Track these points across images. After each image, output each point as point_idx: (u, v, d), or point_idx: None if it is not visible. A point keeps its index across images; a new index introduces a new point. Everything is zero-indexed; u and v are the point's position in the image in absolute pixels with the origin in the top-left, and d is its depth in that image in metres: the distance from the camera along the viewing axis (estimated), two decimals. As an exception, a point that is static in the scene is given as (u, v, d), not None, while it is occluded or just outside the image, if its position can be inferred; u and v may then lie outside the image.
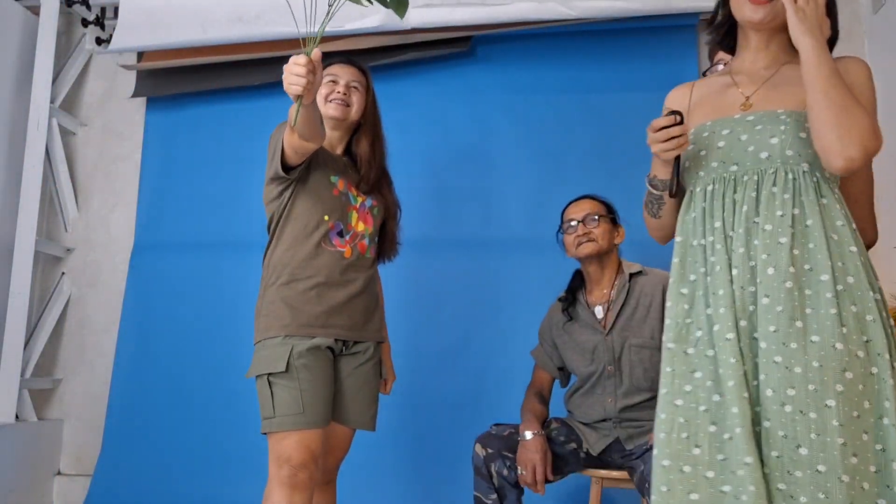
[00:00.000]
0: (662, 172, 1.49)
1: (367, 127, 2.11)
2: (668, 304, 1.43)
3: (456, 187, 3.11)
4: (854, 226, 1.38)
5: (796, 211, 1.34)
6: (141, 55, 3.41)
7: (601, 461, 2.24)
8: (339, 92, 2.05)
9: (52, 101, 3.37)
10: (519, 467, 2.10)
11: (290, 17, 3.15)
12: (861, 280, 1.30)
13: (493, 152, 3.12)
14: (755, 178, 1.38)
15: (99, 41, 3.50)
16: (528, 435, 2.14)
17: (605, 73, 3.10)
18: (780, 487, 1.22)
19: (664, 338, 1.41)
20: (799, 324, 1.27)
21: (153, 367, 3.15)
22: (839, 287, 1.28)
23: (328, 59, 2.02)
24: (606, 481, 2.24)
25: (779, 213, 1.34)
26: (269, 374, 1.89)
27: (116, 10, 3.32)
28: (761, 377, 1.27)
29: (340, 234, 2.01)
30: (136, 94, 3.41)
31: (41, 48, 3.35)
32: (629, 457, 2.14)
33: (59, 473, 3.19)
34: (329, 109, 2.04)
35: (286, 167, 1.91)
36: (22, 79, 3.36)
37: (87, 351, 3.33)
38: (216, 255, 3.21)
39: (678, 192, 1.49)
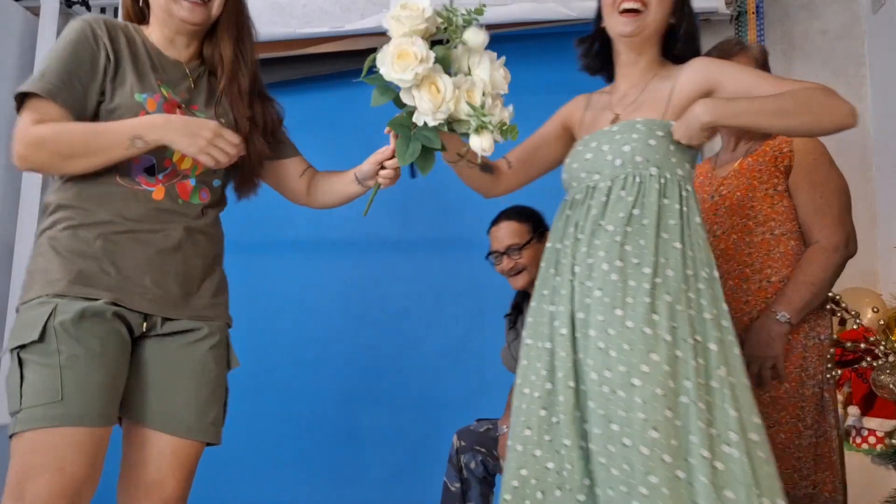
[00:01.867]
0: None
1: (226, 24, 1.58)
2: (532, 303, 1.53)
3: (456, 187, 3.10)
4: (690, 223, 1.45)
5: (636, 211, 1.44)
6: (141, 55, 3.42)
7: None
8: None
9: (52, 102, 3.36)
10: (501, 459, 2.15)
11: (289, 18, 3.16)
12: (678, 274, 1.40)
13: (492, 152, 3.12)
14: (609, 183, 1.48)
15: (99, 41, 3.49)
16: (505, 428, 2.16)
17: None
18: (602, 461, 1.33)
19: (524, 333, 1.52)
20: (619, 312, 1.37)
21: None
22: (657, 279, 1.39)
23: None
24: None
25: (620, 214, 1.44)
26: (20, 348, 1.32)
27: (116, 10, 3.32)
28: (589, 363, 1.38)
29: (150, 172, 1.48)
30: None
31: (41, 48, 3.35)
32: None
33: None
34: (181, 10, 1.51)
35: None
36: (22, 79, 3.35)
37: (87, 351, 3.32)
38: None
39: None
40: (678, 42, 1.59)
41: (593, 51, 1.69)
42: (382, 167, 1.58)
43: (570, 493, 1.37)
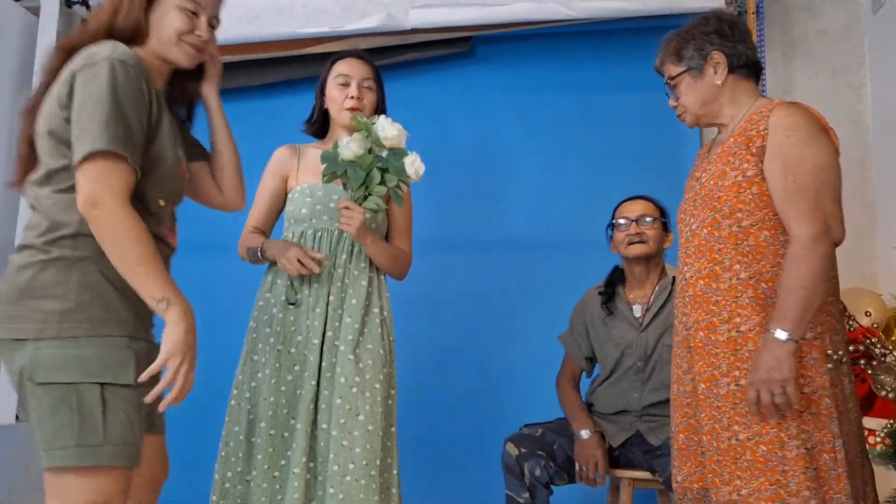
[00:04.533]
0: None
1: (211, 66, 1.75)
2: (279, 314, 1.99)
3: (456, 187, 3.11)
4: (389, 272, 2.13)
5: (368, 263, 2.05)
6: (141, 55, 3.41)
7: (622, 456, 2.28)
8: (198, 34, 1.57)
9: (52, 102, 3.37)
10: (578, 464, 2.20)
11: (289, 18, 3.16)
12: (390, 314, 2.06)
13: (493, 152, 3.12)
14: (351, 237, 2.01)
15: (99, 41, 3.49)
16: (585, 434, 2.23)
17: (605, 73, 3.10)
18: (343, 443, 1.83)
19: (272, 340, 1.97)
20: (362, 337, 1.95)
21: (153, 367, 3.15)
22: (382, 317, 2.01)
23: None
24: (637, 482, 2.25)
25: (363, 264, 2.03)
26: (107, 384, 1.36)
27: (116, 10, 3.32)
28: (337, 369, 1.90)
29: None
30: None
31: (41, 49, 3.35)
32: (653, 453, 2.19)
33: None
34: (179, 54, 1.56)
35: None
36: (22, 79, 3.36)
37: (87, 351, 3.33)
38: (213, 255, 3.20)
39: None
40: None
41: (315, 127, 2.28)
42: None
43: (287, 468, 1.88)
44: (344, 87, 2.11)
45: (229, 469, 1.95)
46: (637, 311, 2.35)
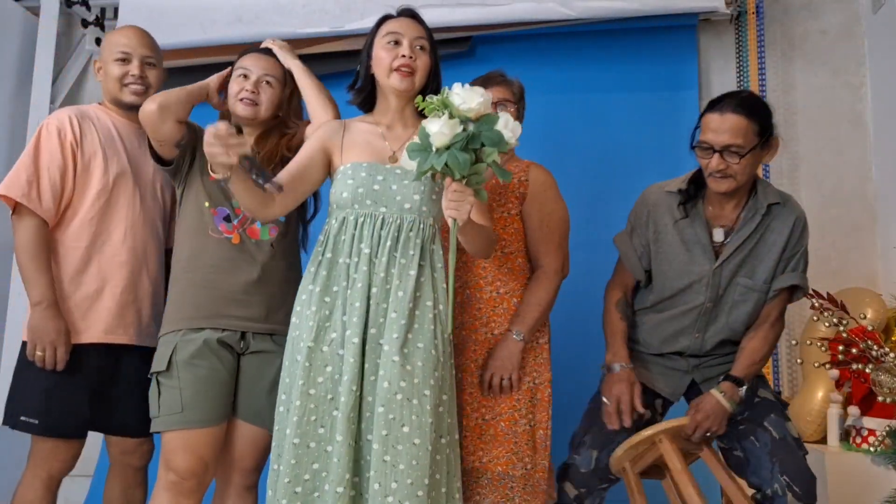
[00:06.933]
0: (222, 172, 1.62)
1: (278, 125, 2.00)
2: (313, 307, 1.73)
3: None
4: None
5: (419, 252, 1.78)
6: (141, 55, 3.41)
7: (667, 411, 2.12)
8: (246, 90, 1.95)
9: (52, 102, 3.37)
10: (604, 398, 2.00)
11: (289, 18, 3.16)
12: (448, 309, 1.76)
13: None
14: (398, 221, 1.78)
15: (99, 42, 3.49)
16: (617, 367, 2.01)
17: (605, 73, 3.10)
18: (386, 459, 1.62)
19: (304, 336, 1.72)
20: (411, 335, 1.71)
21: (153, 367, 3.14)
22: (436, 311, 1.76)
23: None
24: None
25: (411, 251, 1.76)
26: (157, 374, 1.86)
27: (116, 10, 3.32)
28: (381, 373, 1.67)
29: (227, 220, 1.92)
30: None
31: (41, 49, 3.35)
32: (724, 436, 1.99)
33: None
34: (237, 109, 1.96)
35: (161, 161, 1.95)
36: (22, 79, 3.36)
37: (88, 351, 3.33)
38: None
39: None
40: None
41: (362, 96, 1.93)
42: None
43: (332, 486, 1.63)
44: (395, 45, 1.81)
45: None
46: (717, 235, 1.99)
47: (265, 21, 3.12)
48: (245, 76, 1.96)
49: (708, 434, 1.92)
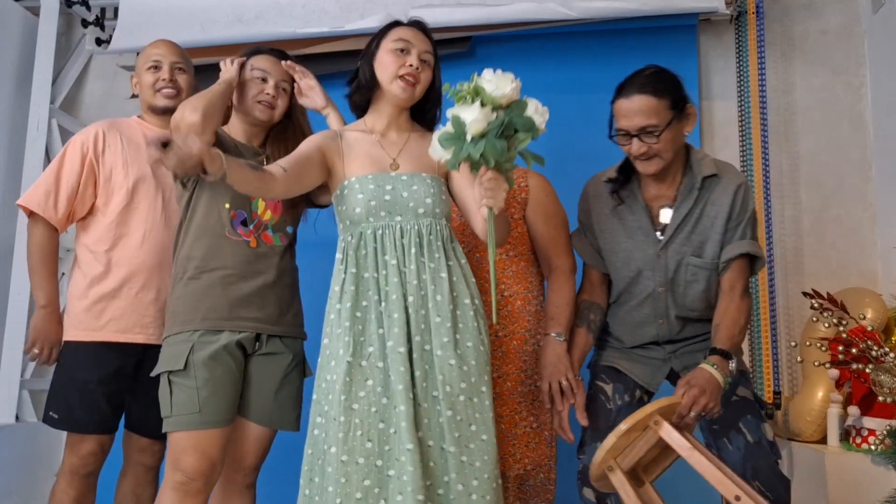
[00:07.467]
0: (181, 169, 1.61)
1: (288, 128, 2.07)
2: (345, 323, 1.71)
3: (456, 187, 3.10)
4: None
5: (443, 253, 1.77)
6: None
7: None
8: (267, 93, 2.01)
9: (52, 102, 3.37)
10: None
11: (289, 18, 3.16)
12: (481, 301, 1.81)
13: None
14: (416, 227, 1.77)
15: (99, 42, 3.49)
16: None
17: (605, 73, 3.07)
18: (463, 459, 1.64)
19: (342, 352, 1.69)
20: (459, 336, 1.72)
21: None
22: (474, 306, 1.77)
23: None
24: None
25: (437, 254, 1.76)
26: (169, 373, 1.85)
27: (116, 10, 3.32)
28: (439, 377, 1.67)
29: (245, 224, 1.95)
30: (135, 95, 3.40)
31: (41, 49, 3.35)
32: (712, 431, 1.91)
33: (57, 474, 3.19)
34: (255, 111, 2.00)
35: None
36: (22, 79, 3.36)
37: (88, 351, 3.32)
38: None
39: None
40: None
41: (364, 98, 1.92)
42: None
43: (411, 495, 1.56)
44: (402, 53, 1.82)
45: None
46: (665, 216, 1.95)
47: (265, 21, 3.12)
48: (264, 79, 2.02)
49: (704, 414, 1.74)
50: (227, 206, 1.93)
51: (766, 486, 1.78)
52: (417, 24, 1.90)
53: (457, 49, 3.12)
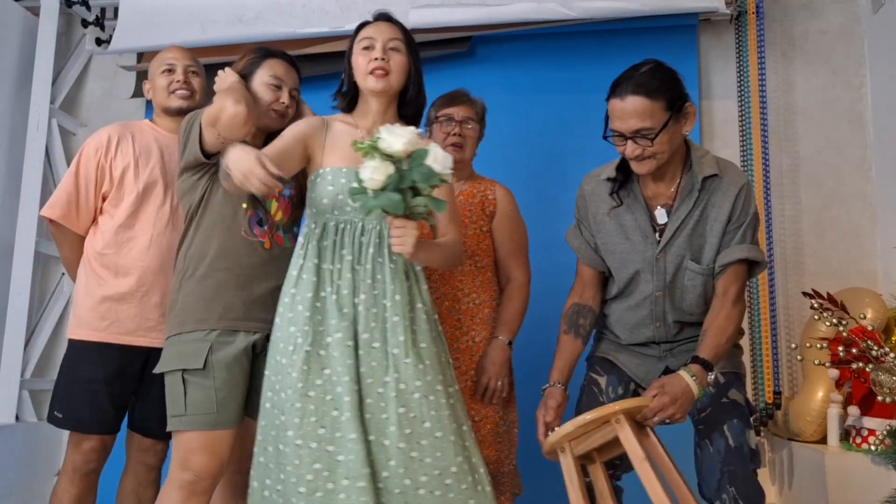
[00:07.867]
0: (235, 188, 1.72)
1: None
2: (304, 312, 1.73)
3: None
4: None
5: (401, 258, 1.76)
6: (141, 56, 3.41)
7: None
8: (282, 101, 2.02)
9: (52, 102, 3.37)
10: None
11: (289, 18, 3.16)
12: (433, 307, 1.85)
13: (492, 152, 3.12)
14: (378, 227, 1.81)
15: (99, 42, 3.50)
16: (555, 384, 1.96)
17: (605, 73, 3.06)
18: (413, 455, 1.67)
19: (300, 340, 1.72)
20: (414, 336, 1.76)
21: (153, 367, 3.14)
22: (426, 311, 1.81)
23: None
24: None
25: (394, 257, 1.77)
26: (184, 371, 1.83)
27: (116, 10, 3.33)
28: (395, 375, 1.71)
29: (260, 223, 1.95)
30: (135, 95, 3.41)
31: (41, 49, 3.35)
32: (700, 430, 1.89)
33: (59, 473, 3.19)
34: (267, 118, 2.00)
35: (206, 154, 1.87)
36: (22, 79, 3.36)
37: (88, 351, 3.32)
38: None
39: None
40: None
41: (347, 100, 1.96)
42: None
43: (353, 481, 1.63)
44: (368, 50, 1.88)
45: (268, 476, 1.74)
46: (661, 216, 1.89)
47: (265, 21, 3.12)
48: (279, 87, 2.02)
49: (668, 421, 1.73)
50: (245, 205, 1.92)
51: (740, 494, 1.75)
52: (381, 17, 1.97)
53: (457, 49, 3.12)
